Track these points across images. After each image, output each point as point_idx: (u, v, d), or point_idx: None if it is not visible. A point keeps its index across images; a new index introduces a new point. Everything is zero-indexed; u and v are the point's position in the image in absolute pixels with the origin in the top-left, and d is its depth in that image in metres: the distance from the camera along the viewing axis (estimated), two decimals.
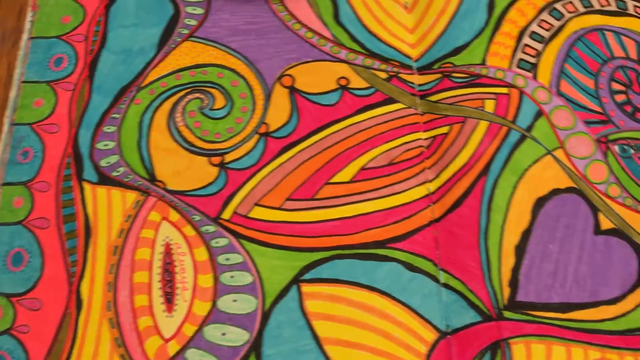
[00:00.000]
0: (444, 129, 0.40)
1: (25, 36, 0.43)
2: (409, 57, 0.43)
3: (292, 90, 0.41)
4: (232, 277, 0.36)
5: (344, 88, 0.42)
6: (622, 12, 0.45)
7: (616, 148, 0.40)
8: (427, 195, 0.39)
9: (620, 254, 0.37)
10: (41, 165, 0.39)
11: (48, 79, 0.41)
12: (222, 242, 0.37)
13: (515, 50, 0.43)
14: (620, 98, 0.42)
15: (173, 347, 0.34)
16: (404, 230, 0.38)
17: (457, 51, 0.43)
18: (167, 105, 0.41)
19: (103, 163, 0.39)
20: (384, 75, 0.42)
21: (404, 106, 0.41)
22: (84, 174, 0.38)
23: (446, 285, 0.36)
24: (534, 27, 0.44)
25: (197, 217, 0.37)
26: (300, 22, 0.44)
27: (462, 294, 0.36)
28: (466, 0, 0.45)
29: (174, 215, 0.37)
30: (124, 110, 0.40)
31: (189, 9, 0.44)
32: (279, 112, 0.41)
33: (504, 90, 0.41)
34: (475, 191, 0.38)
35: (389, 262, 0.37)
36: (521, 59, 0.42)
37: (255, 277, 0.36)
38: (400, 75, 0.42)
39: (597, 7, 0.45)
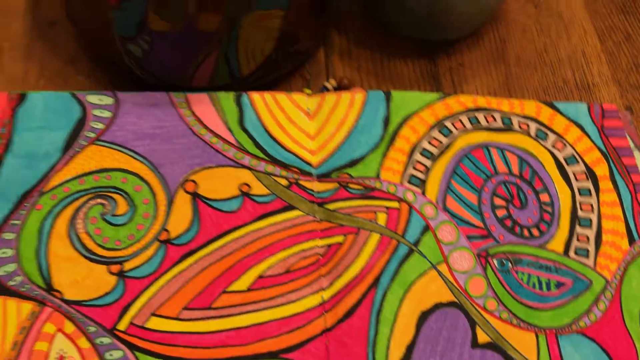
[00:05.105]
0: (339, 238, 0.42)
1: None
2: (309, 163, 0.45)
3: (195, 196, 0.43)
4: None
5: (245, 195, 0.43)
6: (507, 129, 0.48)
7: (495, 262, 0.43)
8: (321, 304, 0.40)
9: None
10: None
11: None
12: (117, 354, 0.37)
13: (406, 166, 0.45)
14: (501, 213, 0.45)
15: None
16: (297, 340, 0.39)
17: (354, 163, 0.45)
18: (69, 211, 0.41)
19: (0, 272, 0.39)
20: (284, 182, 0.44)
21: (303, 213, 0.43)
22: None
23: None
24: (425, 144, 0.47)
25: (92, 329, 0.38)
26: (206, 127, 0.45)
27: None
28: (364, 114, 0.47)
29: (69, 327, 0.38)
30: (25, 217, 0.41)
31: (97, 112, 0.45)
32: (180, 218, 0.42)
33: (395, 204, 0.44)
34: (366, 302, 0.40)
35: None
36: (412, 175, 0.45)
37: None
38: (300, 182, 0.44)
39: (484, 124, 0.48)
